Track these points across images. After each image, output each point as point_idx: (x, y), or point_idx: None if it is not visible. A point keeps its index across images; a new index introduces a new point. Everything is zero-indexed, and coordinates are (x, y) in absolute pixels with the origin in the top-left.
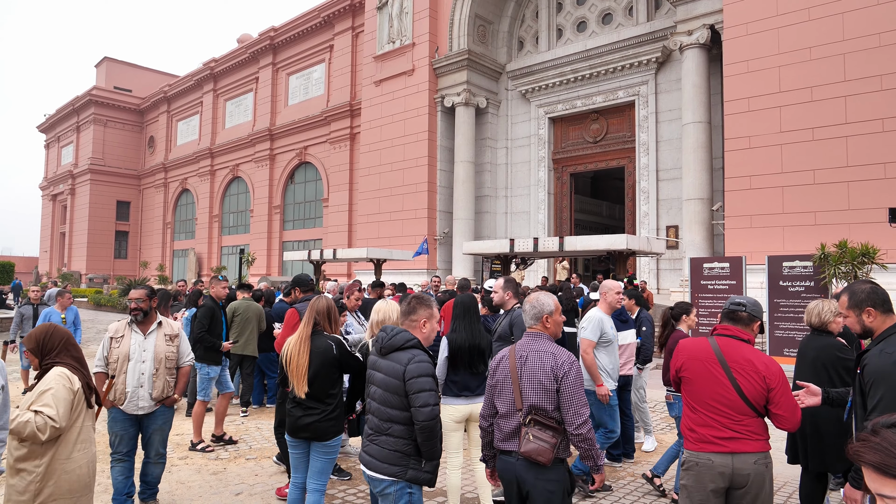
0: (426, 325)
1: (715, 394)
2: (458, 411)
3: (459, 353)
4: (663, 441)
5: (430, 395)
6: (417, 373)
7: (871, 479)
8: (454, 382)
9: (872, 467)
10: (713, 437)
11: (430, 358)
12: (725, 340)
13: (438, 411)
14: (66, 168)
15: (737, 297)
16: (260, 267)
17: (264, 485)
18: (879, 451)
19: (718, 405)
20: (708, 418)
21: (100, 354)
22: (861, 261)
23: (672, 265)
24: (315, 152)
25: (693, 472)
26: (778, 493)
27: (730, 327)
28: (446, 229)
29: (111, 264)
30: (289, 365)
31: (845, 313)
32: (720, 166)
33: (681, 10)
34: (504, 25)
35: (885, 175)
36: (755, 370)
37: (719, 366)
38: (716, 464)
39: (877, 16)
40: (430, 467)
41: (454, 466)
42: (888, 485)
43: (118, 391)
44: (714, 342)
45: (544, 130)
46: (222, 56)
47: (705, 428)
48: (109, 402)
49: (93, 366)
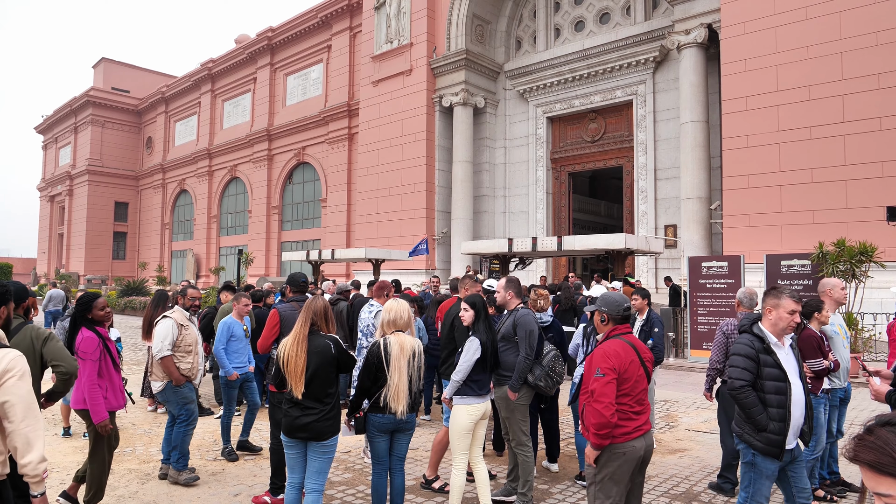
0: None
1: (642, 387)
2: (478, 410)
3: (489, 353)
4: (662, 440)
5: None
6: None
7: (868, 477)
8: (475, 382)
9: (868, 466)
10: (635, 427)
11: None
12: (632, 337)
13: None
14: (63, 169)
15: (625, 303)
16: (258, 267)
17: (263, 486)
18: (874, 450)
19: (642, 395)
20: (632, 412)
21: (170, 340)
22: (859, 259)
23: (670, 264)
24: (313, 152)
25: (620, 461)
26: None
27: (628, 325)
28: (445, 229)
29: (109, 265)
30: (286, 366)
31: None
32: (718, 165)
33: (678, 9)
34: (502, 25)
35: (882, 173)
36: (648, 352)
37: (640, 361)
38: (637, 447)
39: (874, 15)
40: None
41: (461, 468)
42: (884, 483)
43: (194, 368)
44: (629, 342)
45: (542, 130)
46: (220, 56)
47: (631, 421)
48: (184, 377)
49: (161, 351)
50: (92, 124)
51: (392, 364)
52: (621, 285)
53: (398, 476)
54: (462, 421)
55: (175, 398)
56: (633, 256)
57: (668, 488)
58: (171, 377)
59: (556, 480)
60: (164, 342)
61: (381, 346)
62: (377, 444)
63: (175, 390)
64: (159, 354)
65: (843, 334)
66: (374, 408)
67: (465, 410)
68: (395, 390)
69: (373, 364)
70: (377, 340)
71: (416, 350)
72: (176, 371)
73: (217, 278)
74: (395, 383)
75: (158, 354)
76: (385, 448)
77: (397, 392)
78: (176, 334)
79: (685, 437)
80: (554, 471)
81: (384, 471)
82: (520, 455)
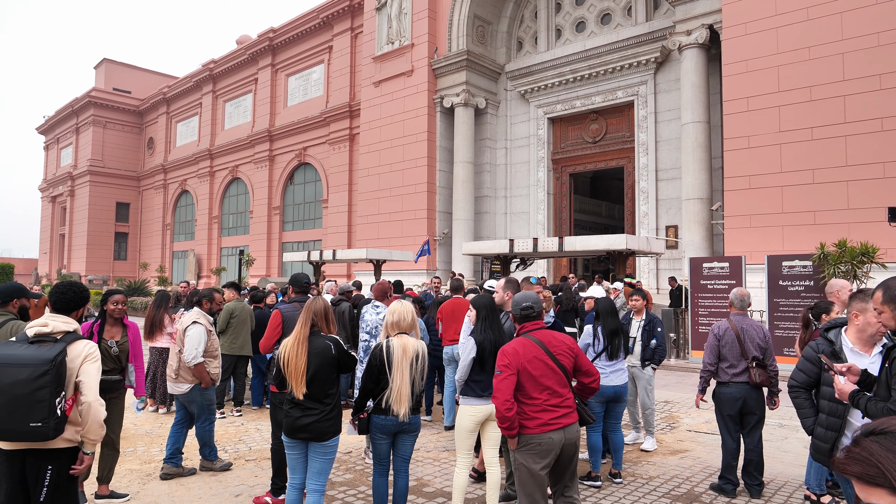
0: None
1: (551, 380)
2: (480, 412)
3: (486, 353)
4: (664, 441)
5: None
6: None
7: (859, 489)
8: (477, 382)
9: (856, 479)
10: (552, 419)
11: None
12: (540, 333)
13: None
14: (65, 170)
15: (524, 303)
16: (259, 268)
17: (264, 486)
18: (860, 462)
19: (555, 387)
20: (548, 405)
21: (202, 347)
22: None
23: (672, 265)
24: (314, 153)
25: (535, 451)
26: (778, 492)
27: (539, 322)
28: (446, 230)
29: (111, 266)
30: (287, 367)
31: (880, 308)
32: (719, 166)
33: (679, 10)
34: (503, 26)
35: (884, 174)
36: (565, 345)
37: (547, 356)
38: (554, 439)
39: (876, 15)
40: None
41: (464, 466)
42: (874, 494)
43: (219, 371)
44: (534, 338)
45: (543, 131)
46: (221, 57)
47: (546, 413)
48: (211, 380)
49: (195, 357)
50: (93, 125)
51: (394, 367)
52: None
53: (402, 477)
54: (464, 422)
55: (201, 399)
56: (634, 257)
57: (669, 489)
58: (202, 381)
59: None
60: (197, 349)
61: (383, 349)
62: (379, 445)
63: (202, 392)
64: (194, 361)
65: None
66: (377, 409)
67: (466, 411)
68: (397, 393)
69: (375, 366)
70: (380, 342)
71: (420, 352)
72: (208, 376)
73: (218, 279)
74: (397, 386)
75: (193, 361)
76: (387, 449)
77: (399, 394)
78: (206, 341)
79: (686, 437)
80: None
81: (385, 471)
82: None
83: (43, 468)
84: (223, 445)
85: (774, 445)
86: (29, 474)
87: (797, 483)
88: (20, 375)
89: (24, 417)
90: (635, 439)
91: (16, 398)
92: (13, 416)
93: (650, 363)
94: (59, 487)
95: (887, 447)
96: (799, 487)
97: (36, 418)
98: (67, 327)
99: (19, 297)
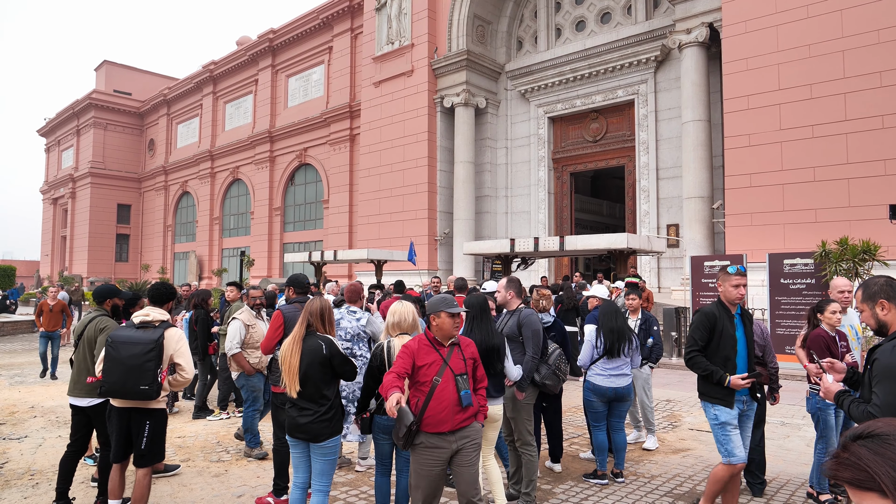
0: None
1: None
2: None
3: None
4: (665, 440)
5: None
6: None
7: (851, 494)
8: None
9: (847, 484)
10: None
11: None
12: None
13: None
14: (66, 172)
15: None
16: (261, 269)
17: (266, 487)
18: (850, 467)
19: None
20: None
21: (238, 339)
22: (862, 258)
23: (673, 264)
24: (315, 154)
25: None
26: (780, 491)
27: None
28: (447, 230)
29: (112, 267)
30: (282, 365)
31: (860, 307)
32: (720, 164)
33: (679, 8)
34: (503, 25)
35: (885, 172)
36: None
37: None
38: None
39: (876, 13)
40: None
41: None
42: (866, 498)
43: (262, 361)
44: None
45: (544, 130)
46: (221, 58)
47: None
48: (255, 369)
49: (231, 349)
50: (94, 127)
51: None
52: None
53: (404, 477)
54: None
55: (247, 385)
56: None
57: (671, 488)
58: (243, 370)
59: (559, 480)
60: (233, 341)
61: (384, 349)
62: (381, 445)
63: (247, 379)
64: (231, 352)
65: (854, 335)
66: (379, 410)
67: None
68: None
69: (375, 367)
70: (381, 343)
71: None
72: (247, 364)
73: (220, 280)
74: None
75: (230, 352)
76: (389, 449)
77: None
78: (244, 333)
79: (688, 436)
80: (557, 471)
81: (387, 471)
82: (524, 455)
83: (143, 422)
84: (225, 446)
85: (776, 444)
86: (133, 427)
87: (799, 481)
88: (134, 350)
89: (137, 381)
90: (637, 438)
91: (132, 368)
92: (129, 380)
93: (647, 362)
94: (153, 439)
95: (875, 451)
96: (801, 486)
97: (145, 382)
98: (163, 317)
99: (112, 297)
